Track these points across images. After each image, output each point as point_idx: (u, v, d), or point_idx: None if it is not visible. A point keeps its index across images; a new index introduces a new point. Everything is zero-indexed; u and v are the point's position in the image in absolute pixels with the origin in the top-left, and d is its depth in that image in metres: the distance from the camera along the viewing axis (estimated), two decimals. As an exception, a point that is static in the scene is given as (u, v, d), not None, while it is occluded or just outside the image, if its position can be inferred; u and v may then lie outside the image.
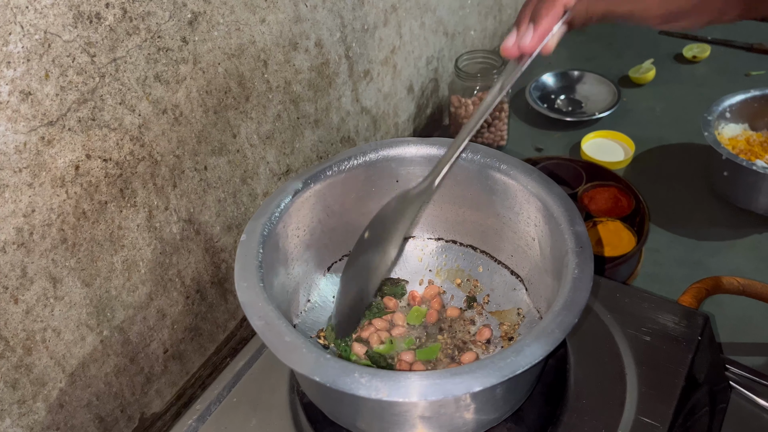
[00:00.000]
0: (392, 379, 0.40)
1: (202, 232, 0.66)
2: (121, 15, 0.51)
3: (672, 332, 0.58)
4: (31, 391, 0.52)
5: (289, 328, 0.44)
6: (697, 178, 0.95)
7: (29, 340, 0.51)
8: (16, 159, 0.46)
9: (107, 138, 0.53)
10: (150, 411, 0.65)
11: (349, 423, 0.50)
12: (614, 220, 0.81)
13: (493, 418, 0.49)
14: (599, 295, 0.61)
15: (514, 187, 0.55)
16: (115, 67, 0.52)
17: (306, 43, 0.72)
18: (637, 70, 1.16)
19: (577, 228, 0.49)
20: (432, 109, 1.06)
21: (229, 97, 0.64)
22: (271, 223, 0.52)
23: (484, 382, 0.40)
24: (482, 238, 0.61)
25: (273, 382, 0.58)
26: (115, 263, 0.57)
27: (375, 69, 0.87)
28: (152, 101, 0.56)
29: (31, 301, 0.50)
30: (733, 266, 0.81)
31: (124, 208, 0.56)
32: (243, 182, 0.69)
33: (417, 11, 0.93)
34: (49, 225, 0.50)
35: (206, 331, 0.70)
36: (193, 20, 0.57)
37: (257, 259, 0.49)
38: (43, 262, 0.50)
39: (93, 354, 0.57)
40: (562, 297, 0.44)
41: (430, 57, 1.01)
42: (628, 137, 1.00)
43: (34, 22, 0.45)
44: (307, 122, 0.77)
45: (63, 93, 0.48)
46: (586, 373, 0.56)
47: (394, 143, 0.59)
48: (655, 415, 0.52)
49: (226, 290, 0.71)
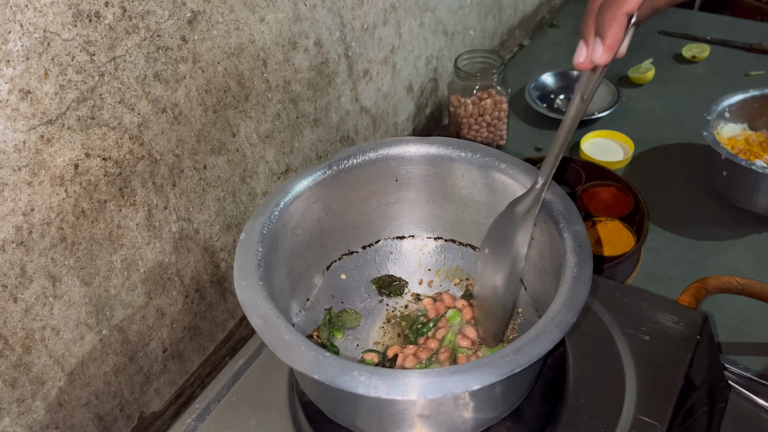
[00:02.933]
0: (391, 377, 0.40)
1: (201, 231, 0.66)
2: (120, 14, 0.51)
3: (671, 332, 0.58)
4: (30, 389, 0.52)
5: (288, 327, 0.44)
6: (697, 178, 0.95)
7: (28, 339, 0.51)
8: (15, 157, 0.46)
9: (106, 137, 0.53)
10: (149, 410, 0.65)
11: (348, 422, 0.50)
12: (613, 220, 0.82)
13: (492, 416, 0.49)
14: (598, 295, 0.61)
15: (513, 186, 0.55)
16: (114, 66, 0.52)
17: (305, 42, 0.72)
18: (637, 70, 1.16)
19: (576, 227, 0.49)
20: (431, 109, 1.06)
21: (229, 96, 0.64)
22: (270, 222, 0.52)
23: (482, 381, 0.40)
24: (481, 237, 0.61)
25: (272, 381, 0.58)
26: (114, 262, 0.57)
27: (374, 68, 0.87)
28: (151, 100, 0.56)
29: (30, 300, 0.50)
30: (732, 266, 0.81)
31: (124, 207, 0.56)
32: (242, 181, 0.69)
33: (416, 11, 0.93)
34: (49, 224, 0.50)
35: (205, 330, 0.70)
36: (193, 19, 0.57)
37: (256, 258, 0.49)
38: (42, 260, 0.50)
39: (92, 353, 0.57)
40: (561, 296, 0.44)
41: (430, 56, 1.01)
42: (627, 137, 1.00)
43: (33, 20, 0.45)
44: (307, 121, 0.77)
45: (62, 92, 0.48)
46: (585, 373, 0.56)
47: (393, 142, 0.59)
48: (654, 415, 0.52)
49: (225, 289, 0.71)
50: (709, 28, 1.30)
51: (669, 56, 1.23)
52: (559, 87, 1.17)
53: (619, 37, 0.44)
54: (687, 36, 1.27)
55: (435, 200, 0.62)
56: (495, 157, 0.56)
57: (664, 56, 1.22)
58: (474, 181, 0.58)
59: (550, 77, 1.17)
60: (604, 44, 0.45)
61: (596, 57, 0.45)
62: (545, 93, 1.15)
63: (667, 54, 1.23)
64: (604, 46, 0.45)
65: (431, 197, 0.61)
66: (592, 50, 0.46)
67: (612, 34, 0.44)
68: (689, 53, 1.20)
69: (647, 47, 1.25)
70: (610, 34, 0.44)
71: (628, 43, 0.46)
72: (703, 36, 1.26)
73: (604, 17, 0.44)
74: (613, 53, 0.45)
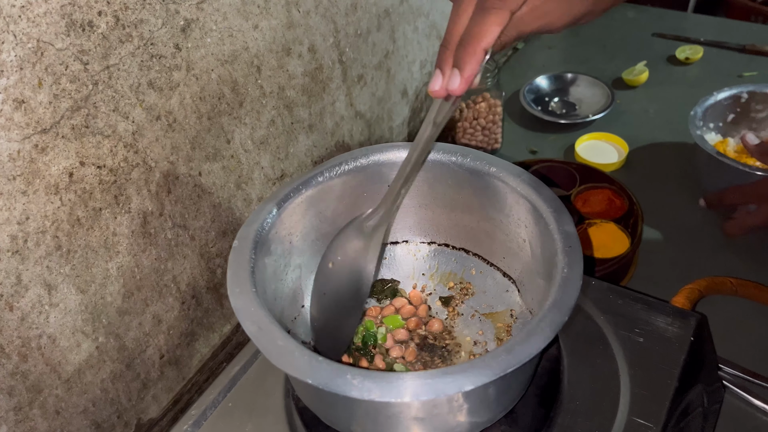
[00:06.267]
0: (384, 379, 0.41)
1: (197, 238, 0.66)
2: (113, 23, 0.51)
3: (665, 333, 0.58)
4: (27, 398, 0.52)
5: (282, 333, 0.44)
6: (691, 180, 0.95)
7: (25, 347, 0.51)
8: (9, 167, 0.47)
9: (101, 145, 0.53)
10: (146, 417, 0.66)
11: (344, 427, 0.50)
12: (608, 222, 0.82)
13: (487, 419, 0.50)
14: (592, 297, 0.62)
15: (504, 189, 0.55)
16: (108, 75, 0.52)
17: (299, 48, 0.73)
18: (631, 72, 1.17)
19: (566, 228, 0.49)
20: (426, 113, 1.07)
21: (223, 103, 0.64)
22: (263, 229, 0.52)
23: (475, 381, 0.40)
24: (474, 241, 0.62)
25: (268, 386, 0.58)
26: (110, 270, 0.57)
27: (369, 73, 0.88)
28: (146, 108, 0.56)
29: (26, 308, 0.51)
30: (726, 267, 0.81)
31: (119, 215, 0.56)
32: (237, 187, 0.70)
33: (410, 16, 0.93)
34: (44, 232, 0.50)
35: (202, 336, 0.70)
36: (186, 27, 0.58)
37: (250, 265, 0.49)
38: (37, 269, 0.51)
39: (89, 360, 0.57)
40: (551, 296, 0.44)
41: (424, 61, 1.02)
42: (621, 139, 1.01)
43: (26, 30, 0.45)
44: (301, 127, 0.77)
45: (56, 101, 0.49)
46: (580, 375, 0.56)
47: (385, 148, 0.59)
48: (648, 416, 0.52)
49: (221, 295, 0.72)
50: (703, 29, 1.30)
51: (663, 58, 1.23)
52: (553, 90, 1.17)
53: (476, 70, 0.47)
54: (680, 38, 1.27)
55: (427, 205, 0.62)
56: (485, 161, 0.56)
57: (658, 58, 1.23)
58: (465, 185, 0.58)
59: (545, 80, 1.18)
60: (462, 77, 0.47)
61: (453, 87, 0.48)
62: (540, 96, 1.16)
63: (661, 56, 1.24)
64: (462, 78, 0.47)
65: (423, 202, 0.62)
66: (448, 80, 0.48)
67: (470, 68, 0.47)
68: (683, 55, 1.21)
69: (641, 49, 1.26)
70: (468, 67, 0.47)
71: (480, 75, 0.49)
72: (696, 37, 1.27)
73: (464, 51, 0.47)
74: (468, 84, 0.48)
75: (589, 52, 1.28)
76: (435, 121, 0.51)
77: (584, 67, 1.22)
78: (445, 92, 0.49)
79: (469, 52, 0.46)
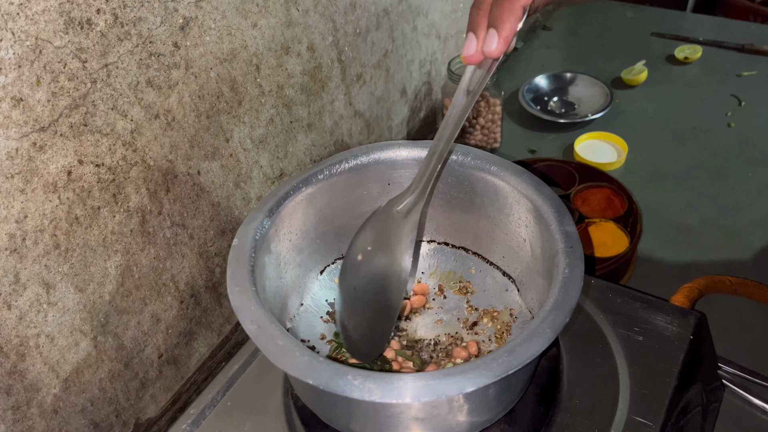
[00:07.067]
0: (385, 380, 0.40)
1: (195, 237, 0.66)
2: (112, 21, 0.51)
3: (664, 332, 0.58)
4: (25, 397, 0.52)
5: (282, 332, 0.44)
6: (689, 178, 0.95)
7: (23, 346, 0.51)
8: (8, 165, 0.46)
9: (99, 143, 0.53)
10: (145, 416, 0.65)
11: (343, 426, 0.50)
12: (607, 221, 0.82)
13: (486, 419, 0.50)
14: (592, 296, 0.62)
15: (504, 188, 0.55)
16: (106, 73, 0.52)
17: (298, 47, 0.73)
18: (629, 72, 1.17)
19: (567, 228, 0.49)
20: (425, 112, 1.07)
21: (222, 102, 0.64)
22: (262, 227, 0.52)
23: (476, 383, 0.40)
24: (474, 240, 0.62)
25: (267, 385, 0.58)
26: (108, 268, 0.57)
27: (368, 72, 0.87)
28: (144, 106, 0.56)
29: (24, 307, 0.50)
30: (725, 266, 0.81)
31: (117, 213, 0.56)
32: (236, 186, 0.69)
33: (409, 15, 0.93)
34: (42, 231, 0.50)
35: (201, 335, 0.70)
36: (185, 25, 0.58)
37: (249, 264, 0.49)
38: (36, 267, 0.50)
39: (87, 359, 0.57)
40: (552, 297, 0.44)
41: (423, 60, 1.01)
42: (620, 138, 1.01)
43: (25, 28, 0.45)
44: (300, 126, 0.77)
45: (55, 99, 0.48)
46: (579, 374, 0.56)
47: (384, 146, 0.59)
48: (648, 415, 0.52)
49: (220, 294, 0.71)
50: (702, 29, 1.30)
51: (661, 58, 1.23)
52: (552, 89, 1.17)
53: (515, 29, 0.44)
54: (679, 37, 1.27)
55: (427, 203, 0.62)
56: (485, 160, 0.56)
57: (657, 58, 1.23)
58: (464, 183, 0.58)
59: (544, 79, 1.18)
60: (500, 36, 0.44)
61: (490, 49, 0.45)
62: (539, 95, 1.16)
63: (660, 55, 1.24)
64: (500, 38, 0.44)
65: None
66: (484, 43, 0.45)
67: (509, 26, 0.44)
68: (682, 54, 1.21)
69: (640, 49, 1.26)
70: (507, 26, 0.44)
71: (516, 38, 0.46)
72: (695, 37, 1.27)
73: (501, 9, 0.44)
74: (507, 45, 0.45)
75: (588, 51, 1.28)
76: (468, 89, 0.48)
77: (583, 67, 1.22)
78: (481, 56, 0.46)
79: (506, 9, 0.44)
